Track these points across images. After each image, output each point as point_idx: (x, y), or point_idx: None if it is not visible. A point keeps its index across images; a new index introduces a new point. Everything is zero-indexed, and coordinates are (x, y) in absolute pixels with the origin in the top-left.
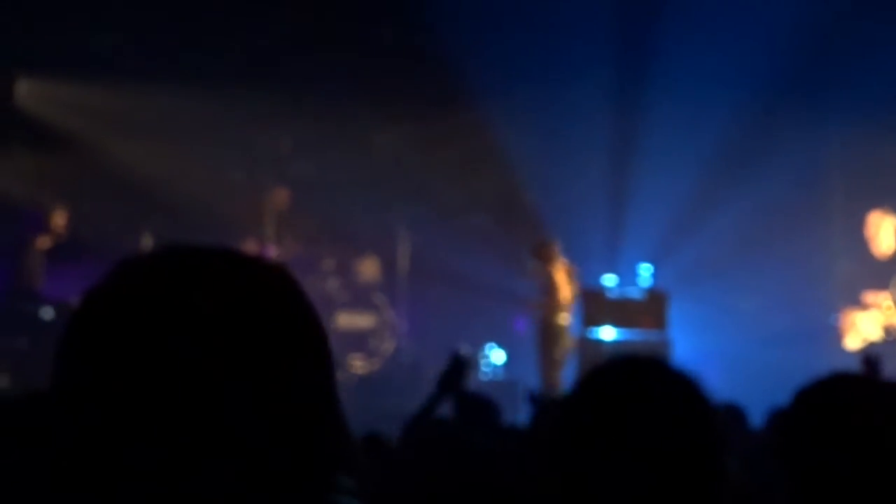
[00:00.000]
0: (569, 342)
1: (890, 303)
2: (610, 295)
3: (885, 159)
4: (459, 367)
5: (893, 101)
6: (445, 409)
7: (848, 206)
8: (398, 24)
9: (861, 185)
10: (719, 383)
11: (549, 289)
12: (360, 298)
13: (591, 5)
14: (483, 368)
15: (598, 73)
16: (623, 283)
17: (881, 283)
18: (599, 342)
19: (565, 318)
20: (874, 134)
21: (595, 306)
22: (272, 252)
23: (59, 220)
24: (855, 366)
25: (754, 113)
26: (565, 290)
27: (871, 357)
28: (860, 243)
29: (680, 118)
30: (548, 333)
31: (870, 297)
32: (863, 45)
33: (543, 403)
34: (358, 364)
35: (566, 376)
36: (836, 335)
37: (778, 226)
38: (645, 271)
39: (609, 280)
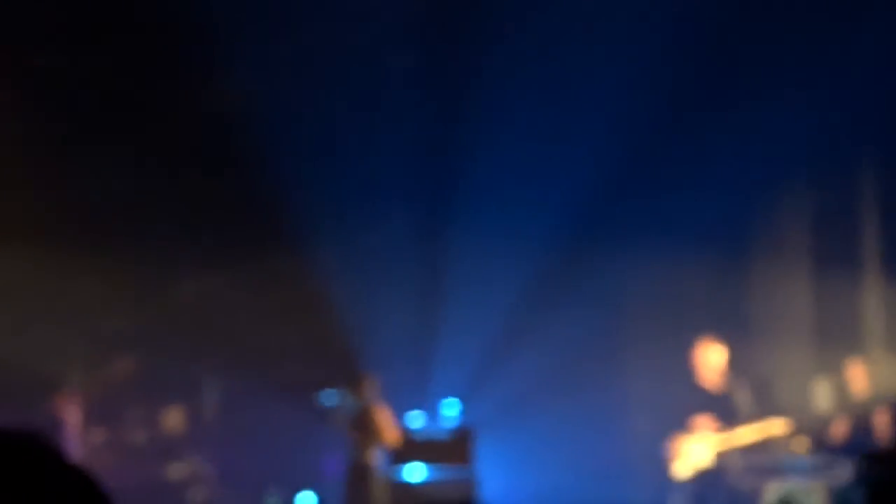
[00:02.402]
0: (379, 483)
1: (721, 427)
2: (416, 435)
3: (686, 291)
4: None
5: (692, 239)
6: None
7: (651, 334)
8: (201, 171)
9: (666, 315)
10: None
11: (364, 425)
12: (166, 449)
13: (394, 145)
14: None
15: (403, 213)
16: (430, 421)
17: (708, 410)
18: (408, 485)
19: (375, 458)
20: (680, 265)
21: (402, 445)
22: (79, 405)
23: None
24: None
25: (559, 247)
26: (389, 431)
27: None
28: (675, 372)
29: (486, 255)
30: (356, 474)
31: (700, 422)
32: (661, 179)
33: None
34: None
35: None
36: (653, 467)
37: (588, 357)
38: (451, 408)
39: (415, 418)
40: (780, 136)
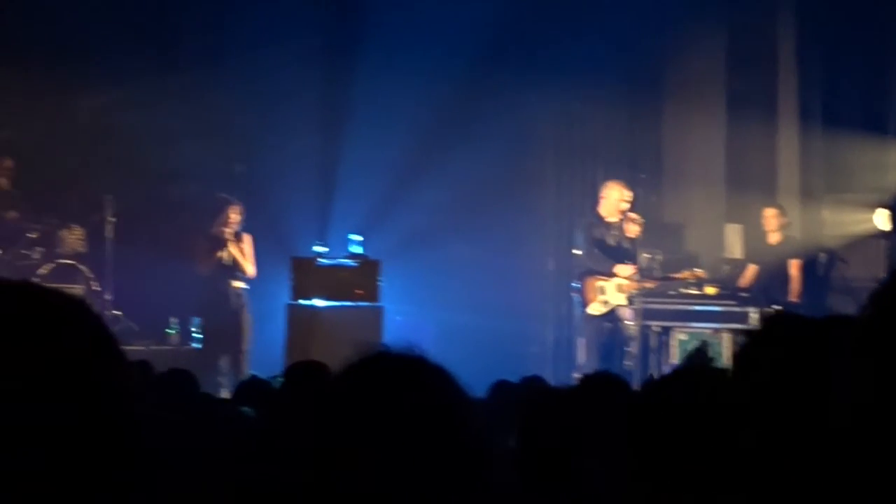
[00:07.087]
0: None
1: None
2: (320, 264)
3: (599, 132)
4: None
5: (597, 76)
6: None
7: (562, 174)
8: None
9: (577, 155)
10: (433, 352)
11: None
12: (64, 269)
13: None
14: (195, 337)
15: (306, 39)
16: (332, 254)
17: (621, 252)
18: (312, 308)
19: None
20: (593, 105)
21: (306, 276)
22: None
23: None
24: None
25: (466, 81)
26: (247, 262)
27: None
28: (574, 210)
29: (391, 86)
30: (217, 302)
31: (616, 267)
32: (576, 15)
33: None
34: None
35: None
36: (561, 306)
37: (493, 195)
38: (355, 242)
39: (319, 249)
40: None
